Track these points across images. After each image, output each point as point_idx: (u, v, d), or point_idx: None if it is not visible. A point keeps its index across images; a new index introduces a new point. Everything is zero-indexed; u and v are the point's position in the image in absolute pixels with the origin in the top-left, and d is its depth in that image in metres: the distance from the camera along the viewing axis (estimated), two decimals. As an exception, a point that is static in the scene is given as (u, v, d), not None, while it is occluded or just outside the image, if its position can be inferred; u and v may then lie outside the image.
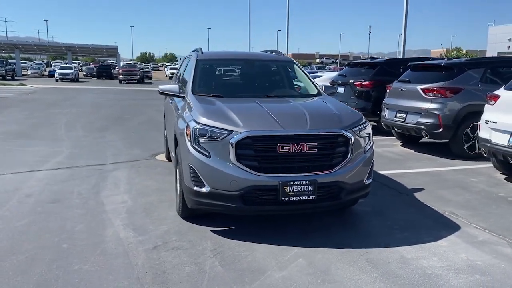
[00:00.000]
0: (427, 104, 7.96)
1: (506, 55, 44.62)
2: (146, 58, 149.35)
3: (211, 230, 4.31)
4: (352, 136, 4.16)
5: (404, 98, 8.52)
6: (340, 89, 11.22)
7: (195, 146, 4.06)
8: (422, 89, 8.11)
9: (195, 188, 4.06)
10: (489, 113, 6.35)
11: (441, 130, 7.77)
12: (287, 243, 4.03)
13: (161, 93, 5.31)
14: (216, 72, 5.65)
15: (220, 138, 3.96)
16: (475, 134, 7.76)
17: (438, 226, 4.54)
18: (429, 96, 7.98)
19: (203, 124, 4.07)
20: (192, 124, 4.14)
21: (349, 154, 4.15)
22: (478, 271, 3.54)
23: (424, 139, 8.79)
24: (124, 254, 3.76)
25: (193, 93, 4.94)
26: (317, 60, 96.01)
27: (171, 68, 56.75)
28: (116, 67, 49.09)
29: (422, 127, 7.97)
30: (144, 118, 13.72)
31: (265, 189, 3.93)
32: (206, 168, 3.98)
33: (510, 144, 5.86)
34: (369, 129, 4.43)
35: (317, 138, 4.04)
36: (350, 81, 11.19)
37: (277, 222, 4.58)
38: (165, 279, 3.33)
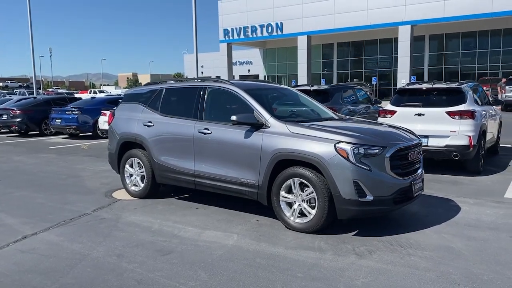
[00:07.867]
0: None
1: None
2: None
3: (352, 235, 5.05)
4: None
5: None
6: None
7: (357, 163, 4.78)
8: (312, 110, 10.19)
9: (360, 199, 4.78)
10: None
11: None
12: (409, 229, 5.22)
13: (237, 123, 5.41)
14: (268, 101, 5.98)
15: (378, 153, 4.85)
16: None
17: (444, 202, 6.47)
18: (319, 114, 10.14)
19: (357, 144, 4.84)
20: (345, 145, 4.82)
21: (421, 156, 5.73)
22: (514, 216, 5.74)
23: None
24: (352, 267, 4.20)
25: (285, 121, 5.35)
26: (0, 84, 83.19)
27: None
28: None
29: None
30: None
31: (405, 190, 5.08)
32: (370, 180, 4.80)
33: (411, 143, 8.58)
34: None
35: (419, 145, 5.48)
36: None
37: (361, 222, 5.58)
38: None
